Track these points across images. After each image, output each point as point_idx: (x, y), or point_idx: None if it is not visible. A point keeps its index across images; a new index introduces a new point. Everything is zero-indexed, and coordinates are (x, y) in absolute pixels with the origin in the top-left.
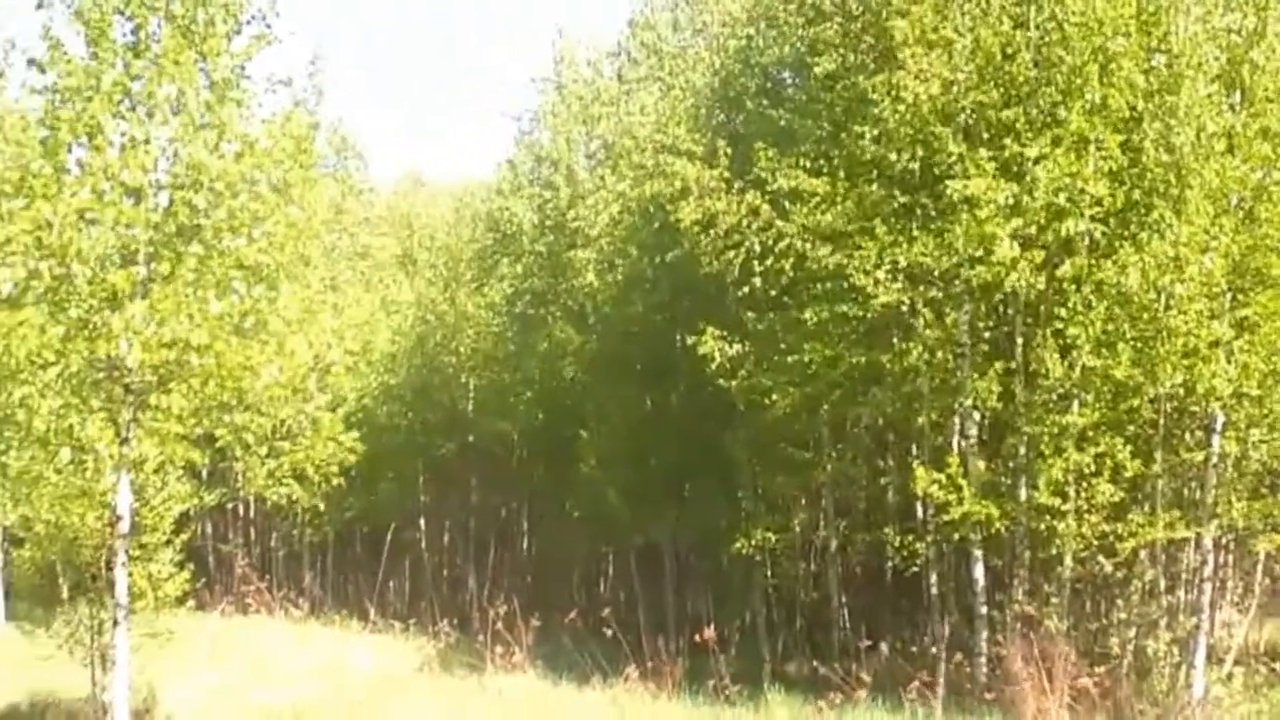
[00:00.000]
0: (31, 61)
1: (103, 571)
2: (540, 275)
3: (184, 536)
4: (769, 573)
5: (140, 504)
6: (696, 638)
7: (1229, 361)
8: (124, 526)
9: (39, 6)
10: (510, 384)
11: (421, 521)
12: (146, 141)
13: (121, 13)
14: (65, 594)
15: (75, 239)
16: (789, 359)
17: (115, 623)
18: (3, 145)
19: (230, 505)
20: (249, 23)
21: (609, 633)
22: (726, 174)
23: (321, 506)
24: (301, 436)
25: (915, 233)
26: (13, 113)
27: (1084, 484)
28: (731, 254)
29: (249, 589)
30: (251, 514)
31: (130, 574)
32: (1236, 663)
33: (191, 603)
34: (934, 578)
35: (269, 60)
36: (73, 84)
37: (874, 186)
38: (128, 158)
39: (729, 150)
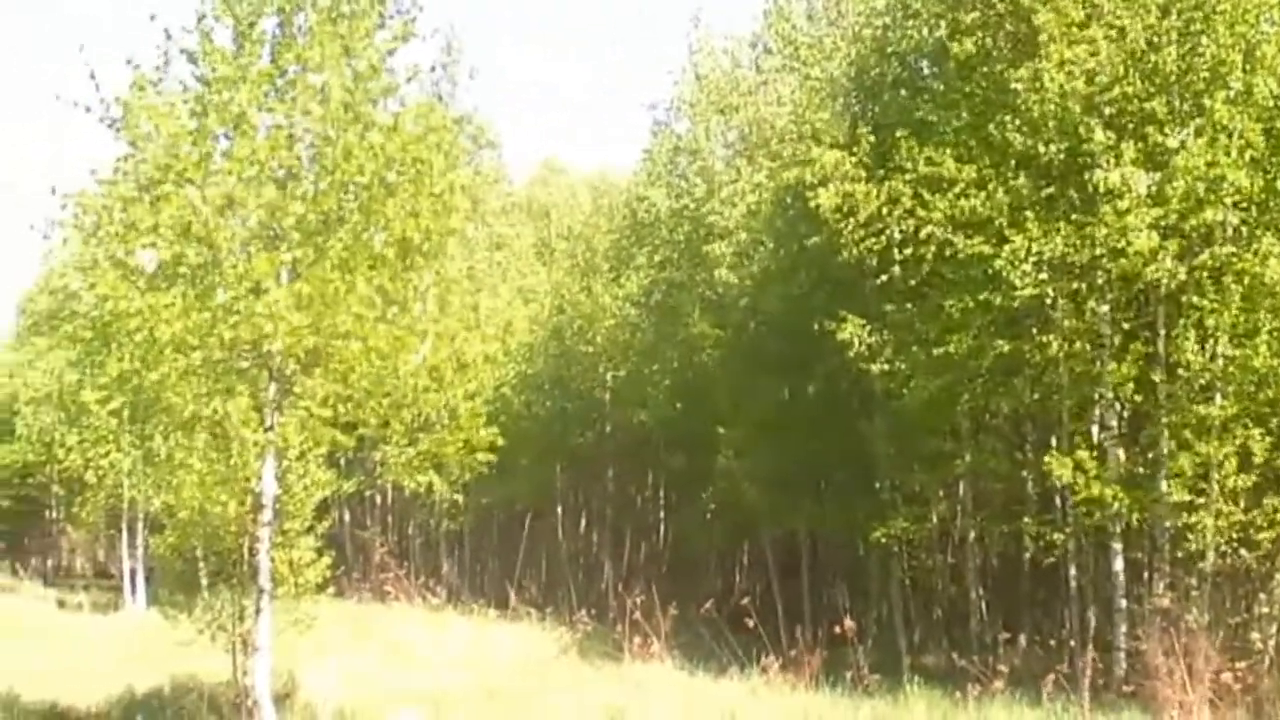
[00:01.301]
0: (184, 52)
1: (244, 557)
2: (677, 266)
3: (325, 524)
4: (906, 564)
5: (283, 490)
6: (835, 629)
7: None
8: (267, 513)
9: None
10: (648, 374)
11: (559, 510)
12: (292, 131)
13: (270, 4)
14: (205, 580)
15: (221, 225)
16: (928, 348)
17: (258, 609)
18: (153, 134)
19: (368, 493)
20: (392, 16)
21: (747, 623)
22: (866, 161)
23: (459, 495)
24: (440, 425)
25: (1058, 224)
26: (165, 102)
27: (1219, 475)
28: (871, 242)
29: (387, 576)
30: (390, 502)
31: (272, 560)
32: None
33: (331, 589)
34: (1073, 570)
35: (409, 51)
36: (222, 74)
37: (1022, 177)
38: (274, 145)
39: (870, 138)
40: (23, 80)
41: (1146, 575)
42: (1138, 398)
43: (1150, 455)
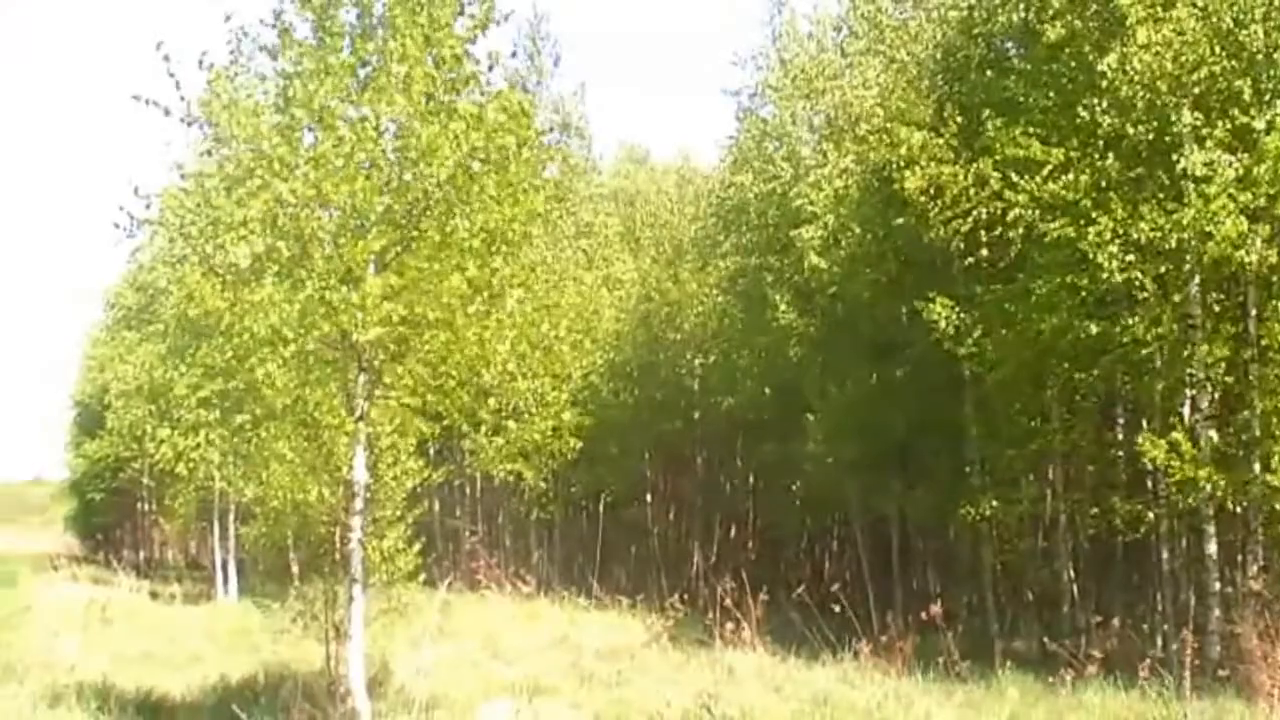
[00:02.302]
0: (263, 48)
1: (336, 547)
2: (765, 252)
3: (416, 512)
4: (997, 548)
5: (374, 479)
6: (925, 614)
7: None
8: (359, 502)
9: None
10: (736, 361)
11: (648, 498)
12: (377, 122)
13: None
14: (296, 569)
15: (309, 218)
16: (1017, 329)
17: (350, 597)
18: (238, 130)
19: (458, 483)
20: (471, 3)
21: (837, 609)
22: (953, 142)
23: (547, 484)
24: (527, 414)
25: (1144, 208)
26: (249, 98)
27: None
28: (958, 224)
29: (478, 565)
30: (479, 491)
31: (364, 548)
32: None
33: (422, 578)
34: (1165, 553)
35: (491, 38)
36: (303, 68)
37: (1110, 159)
38: (358, 138)
39: (956, 120)
40: (104, 79)
41: (1240, 558)
42: (1229, 379)
43: (1243, 437)
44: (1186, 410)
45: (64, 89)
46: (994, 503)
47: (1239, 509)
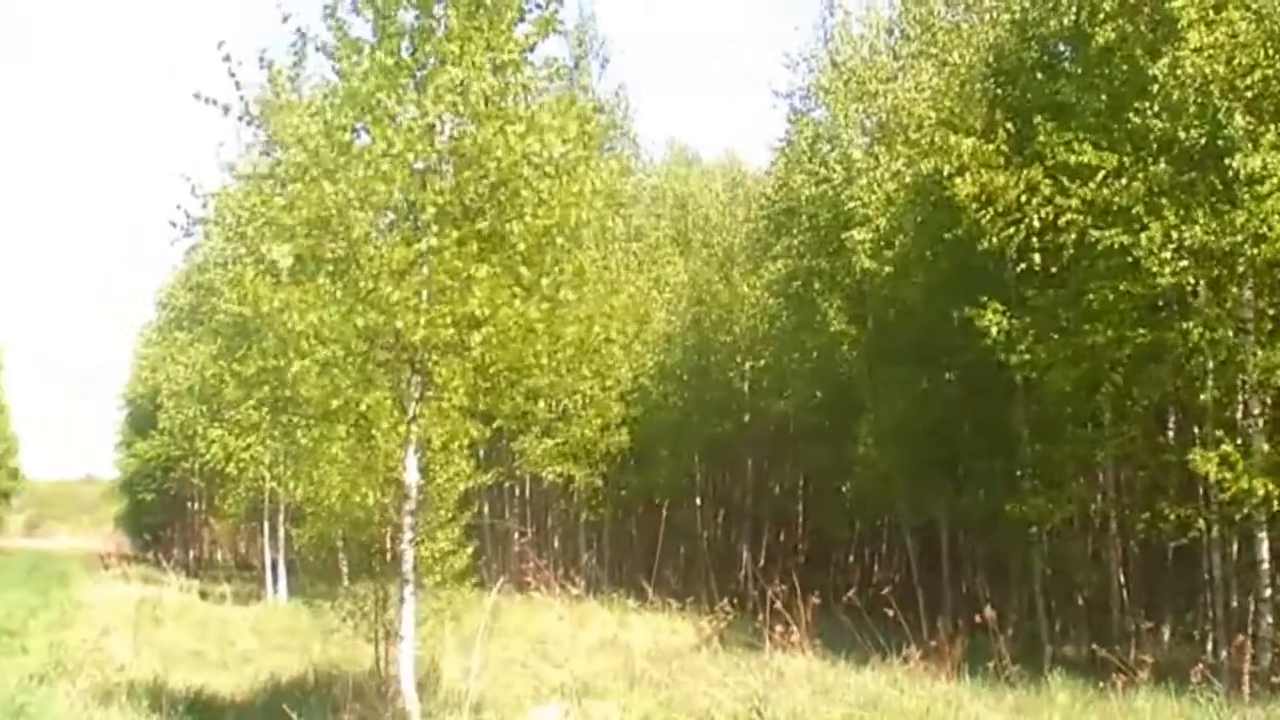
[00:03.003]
0: (320, 49)
1: (387, 548)
2: (816, 254)
3: (467, 514)
4: (1046, 553)
5: (426, 481)
6: (976, 618)
7: None
8: (410, 503)
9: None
10: (787, 363)
11: (698, 500)
12: (432, 125)
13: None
14: (345, 570)
15: (359, 218)
16: (1069, 335)
17: (402, 598)
18: (293, 131)
19: (507, 485)
20: (532, 10)
21: (887, 613)
22: (1004, 148)
23: (599, 481)
24: (577, 416)
25: (1197, 212)
26: (307, 98)
27: None
28: (1010, 230)
29: (527, 567)
30: (528, 493)
31: (415, 550)
32: None
33: (472, 579)
34: (1216, 559)
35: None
36: (359, 69)
37: (1161, 163)
38: (412, 140)
39: (1008, 126)
40: (158, 77)
41: None
42: None
43: None
44: (1239, 415)
45: (113, 87)
46: (1039, 500)
47: None
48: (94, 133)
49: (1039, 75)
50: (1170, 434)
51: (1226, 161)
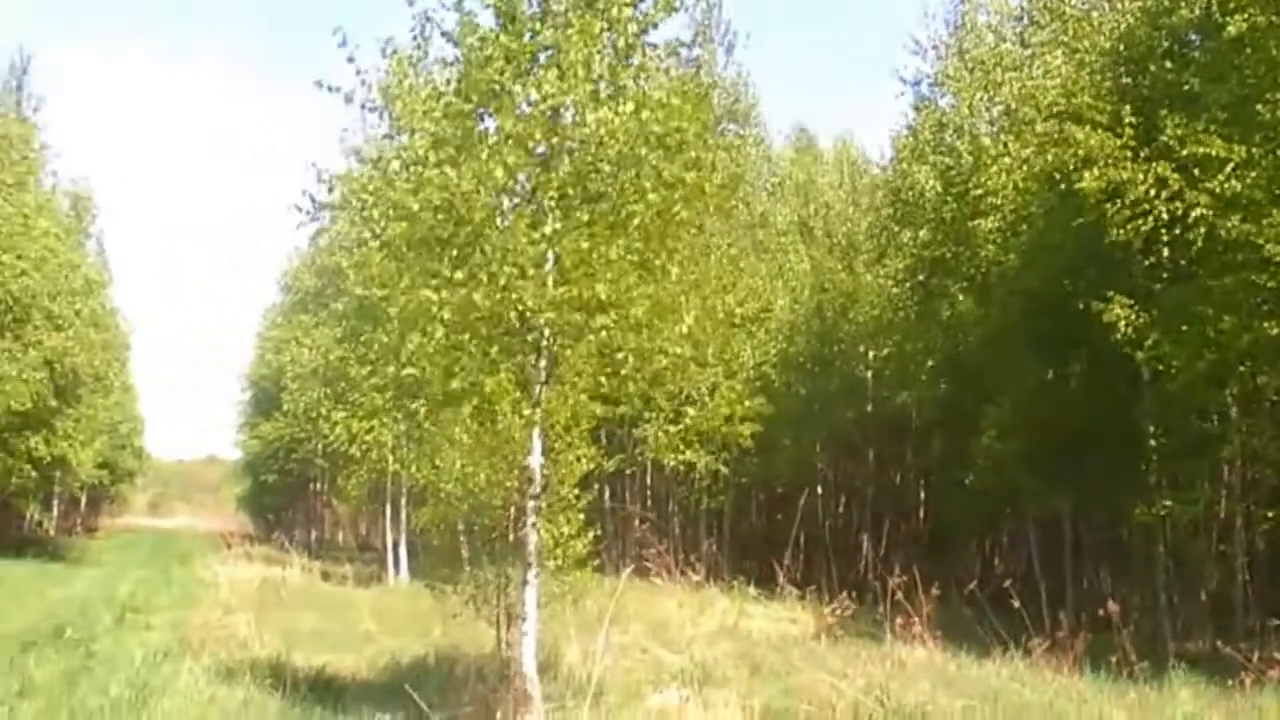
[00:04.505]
0: (445, 34)
1: (509, 530)
2: (942, 244)
3: (587, 499)
4: (1170, 547)
5: (550, 464)
6: (1102, 612)
7: None
8: (534, 487)
9: None
10: (911, 353)
11: (819, 489)
12: (556, 109)
13: None
14: (466, 552)
15: (483, 202)
16: (1197, 329)
17: (524, 582)
18: (416, 117)
19: (629, 471)
20: None
21: (1008, 605)
22: (1132, 142)
23: (722, 470)
24: (701, 402)
25: None
26: (427, 84)
27: None
28: (1137, 223)
29: (648, 553)
30: (649, 479)
31: (538, 533)
32: None
33: (594, 564)
34: None
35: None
36: (482, 54)
37: None
38: (534, 123)
39: (1134, 120)
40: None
41: None
42: None
43: None
44: None
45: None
46: (1168, 503)
47: None
48: (222, 112)
49: (1168, 65)
50: None
51: None
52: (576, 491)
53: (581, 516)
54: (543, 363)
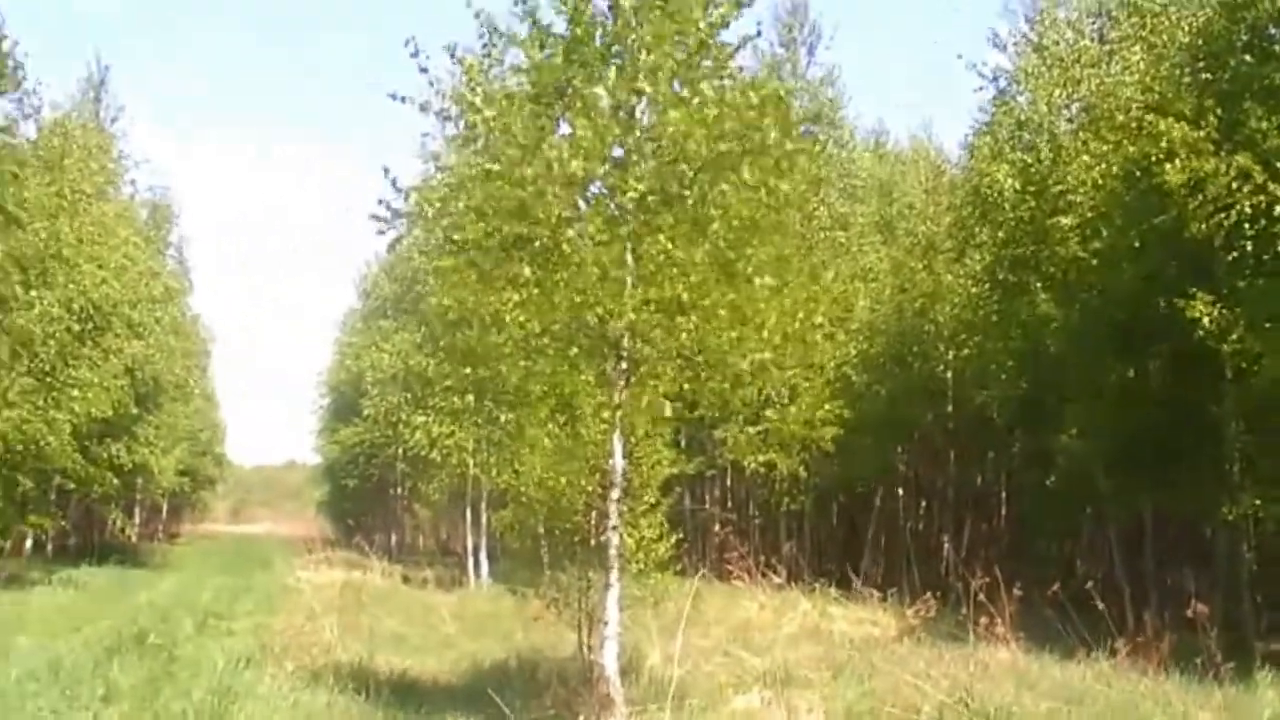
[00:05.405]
0: (516, 40)
1: (590, 533)
2: (1022, 242)
3: (668, 501)
4: (1255, 546)
5: (631, 467)
6: (1188, 612)
7: None
8: (616, 490)
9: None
10: (991, 352)
11: (899, 490)
12: (632, 112)
13: None
14: (547, 556)
15: (560, 205)
16: None
17: (607, 584)
18: (491, 123)
19: (709, 473)
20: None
21: (1091, 605)
22: (1215, 134)
23: (802, 473)
24: (781, 404)
25: None
26: (500, 89)
27: None
28: (1220, 218)
29: (728, 555)
30: (729, 481)
31: (620, 536)
32: None
33: (675, 566)
34: None
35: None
36: (555, 60)
37: None
38: (607, 126)
39: (1218, 111)
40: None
41: None
42: None
43: None
44: None
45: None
46: (1256, 501)
47: None
48: (298, 115)
49: (1248, 59)
50: None
51: None
52: (659, 495)
53: (663, 520)
54: (622, 365)
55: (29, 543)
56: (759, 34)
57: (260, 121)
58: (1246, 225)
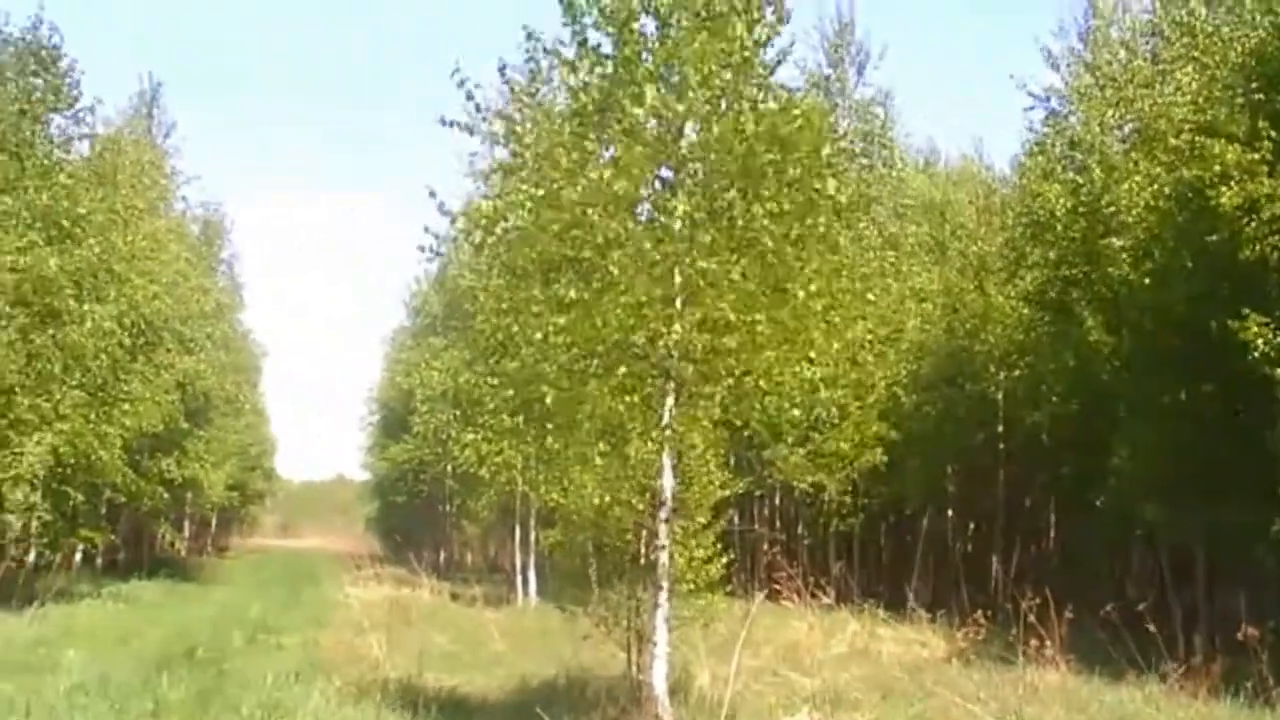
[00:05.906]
0: (565, 63)
1: (640, 553)
2: (1073, 263)
3: (720, 522)
4: None
5: (682, 488)
6: (1240, 635)
7: None
8: (666, 510)
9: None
10: (1042, 374)
11: (949, 511)
12: (680, 132)
13: (647, 10)
14: (595, 574)
15: (605, 224)
16: None
17: (656, 604)
18: (539, 143)
19: (758, 494)
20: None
21: (1141, 628)
22: (1269, 156)
23: (848, 497)
24: (830, 425)
25: None
26: (545, 112)
27: None
28: (1275, 239)
29: (777, 575)
30: (778, 502)
31: (670, 556)
32: None
33: (725, 587)
34: None
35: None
36: (601, 80)
37: None
38: (654, 145)
39: (1272, 133)
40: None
41: None
42: None
43: None
44: None
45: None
46: None
47: None
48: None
49: None
50: None
51: None
52: (711, 515)
53: (715, 541)
54: (670, 384)
55: (78, 556)
56: (793, 43)
57: (310, 138)
58: None
